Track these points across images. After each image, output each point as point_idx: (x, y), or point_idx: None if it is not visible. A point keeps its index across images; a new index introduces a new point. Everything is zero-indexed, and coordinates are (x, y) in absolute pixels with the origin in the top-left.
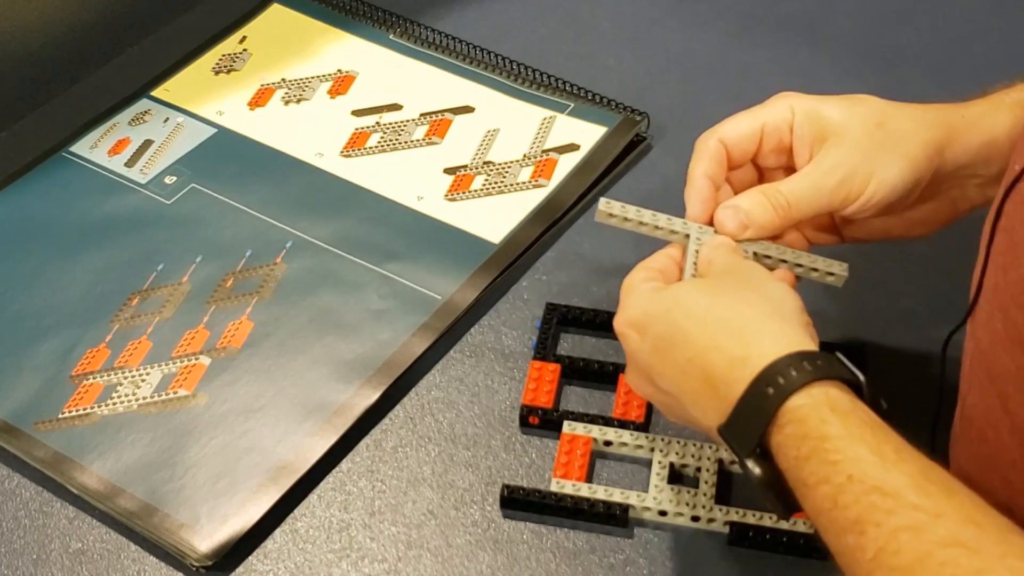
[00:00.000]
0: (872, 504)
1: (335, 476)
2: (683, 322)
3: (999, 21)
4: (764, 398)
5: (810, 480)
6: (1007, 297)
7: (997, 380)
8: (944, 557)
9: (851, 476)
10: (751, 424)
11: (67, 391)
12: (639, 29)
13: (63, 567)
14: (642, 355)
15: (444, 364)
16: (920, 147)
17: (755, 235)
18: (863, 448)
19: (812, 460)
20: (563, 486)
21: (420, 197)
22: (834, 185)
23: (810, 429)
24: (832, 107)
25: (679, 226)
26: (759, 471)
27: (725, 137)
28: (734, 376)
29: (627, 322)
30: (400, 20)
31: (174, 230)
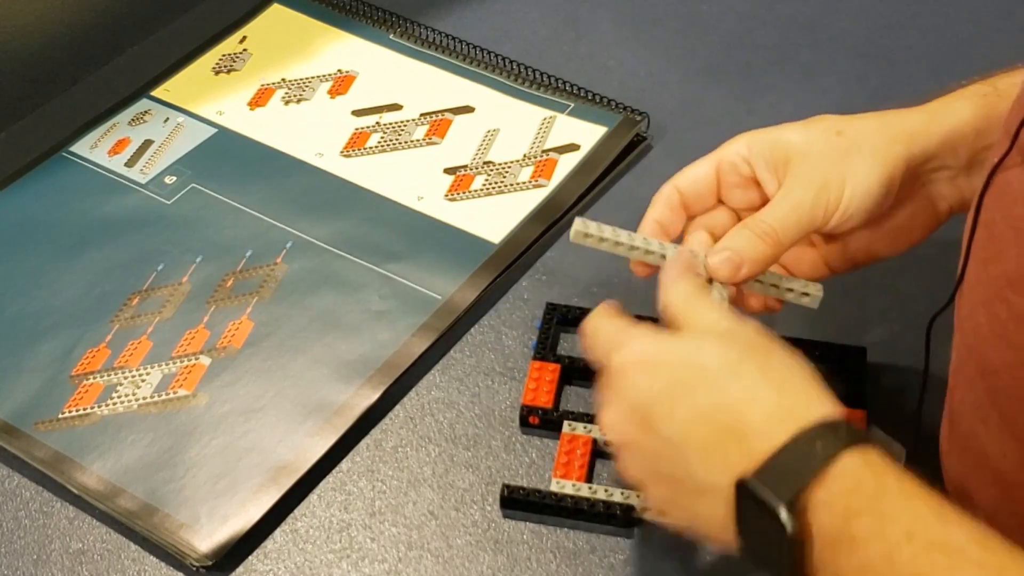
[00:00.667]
0: (933, 562)
1: (335, 476)
2: (713, 368)
3: (1000, 21)
4: (812, 450)
5: (861, 535)
6: (990, 292)
7: (986, 375)
8: None
9: (910, 533)
10: (794, 473)
11: (67, 391)
12: (639, 29)
13: (63, 567)
14: (646, 394)
15: (444, 364)
16: (884, 143)
17: (750, 272)
18: (922, 506)
19: (865, 515)
20: (563, 486)
21: (420, 197)
22: (812, 199)
23: (863, 484)
24: (788, 131)
25: (656, 246)
26: (792, 522)
27: (678, 182)
28: (772, 429)
29: (631, 361)
30: (400, 20)
31: (174, 230)
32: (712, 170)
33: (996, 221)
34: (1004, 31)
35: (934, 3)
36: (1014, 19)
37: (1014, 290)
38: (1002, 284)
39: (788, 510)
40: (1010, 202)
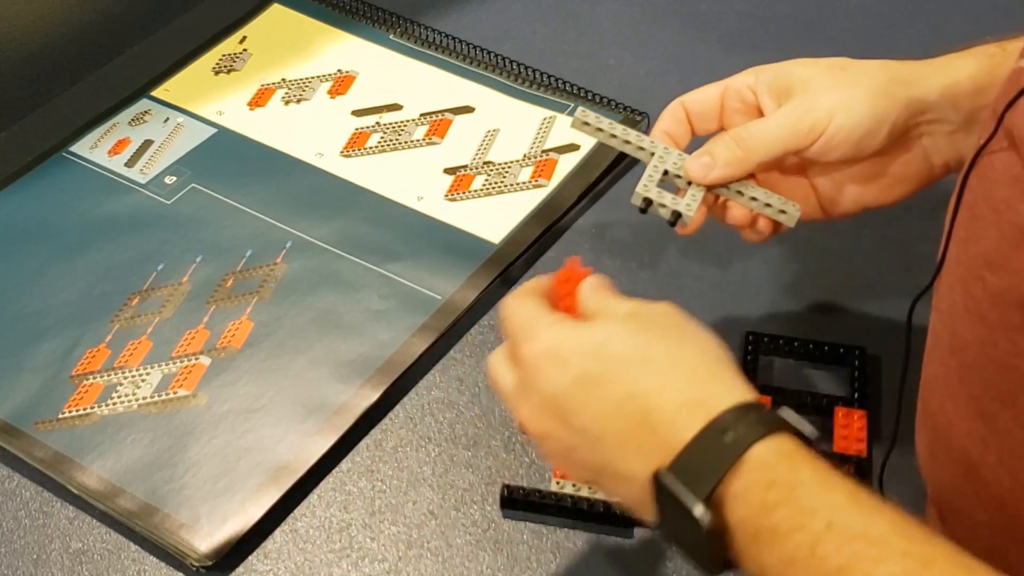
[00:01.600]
0: (857, 552)
1: (335, 476)
2: (621, 358)
3: (1000, 21)
4: (721, 444)
5: (781, 527)
6: (967, 270)
7: (956, 352)
8: None
9: (831, 523)
10: (708, 468)
11: (67, 391)
12: (639, 29)
13: (63, 567)
14: (557, 389)
15: (444, 364)
16: (884, 82)
17: (721, 174)
18: (839, 495)
19: (783, 506)
20: (563, 486)
21: (420, 197)
22: (797, 117)
23: (779, 475)
24: (796, 64)
25: (647, 143)
26: (708, 518)
27: (684, 99)
28: (683, 419)
29: (543, 353)
30: (400, 20)
31: (174, 230)
32: (718, 94)
33: (978, 202)
34: (1004, 31)
35: (934, 3)
36: (1014, 19)
37: (990, 269)
38: (979, 263)
39: (704, 505)
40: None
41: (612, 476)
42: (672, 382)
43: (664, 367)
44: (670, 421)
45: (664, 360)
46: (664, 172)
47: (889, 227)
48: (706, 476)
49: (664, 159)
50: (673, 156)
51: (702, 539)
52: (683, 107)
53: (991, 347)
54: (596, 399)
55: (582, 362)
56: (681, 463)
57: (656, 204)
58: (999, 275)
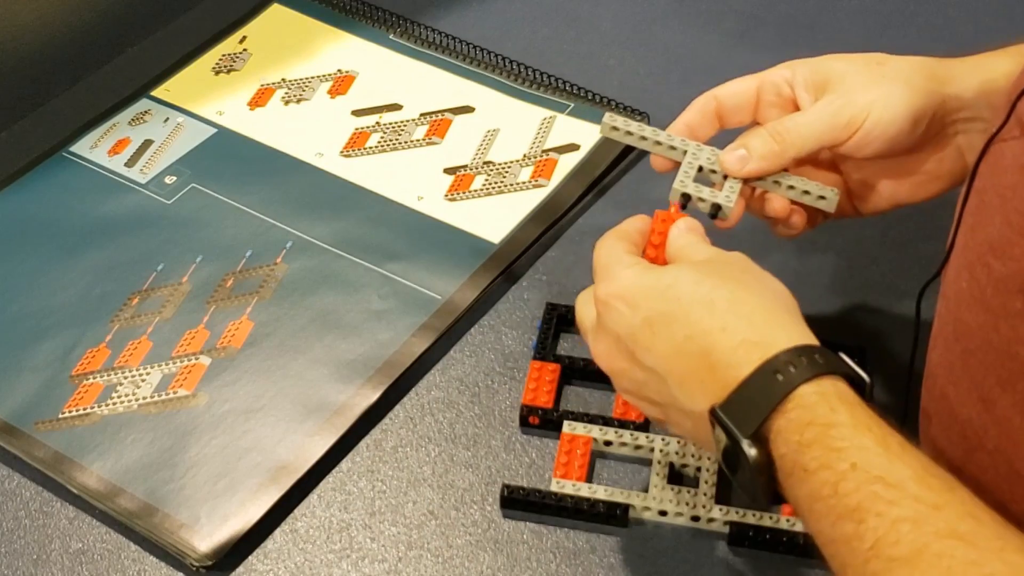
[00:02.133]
0: (874, 493)
1: (335, 476)
2: (686, 301)
3: (1000, 21)
4: (773, 383)
5: (811, 465)
6: (973, 256)
7: (961, 337)
8: (941, 548)
9: (855, 464)
10: (756, 406)
11: (67, 391)
12: (639, 29)
13: (63, 567)
14: (628, 329)
15: (444, 364)
16: (921, 79)
17: (757, 166)
18: (869, 438)
19: (815, 446)
20: (563, 486)
21: (420, 197)
22: (833, 111)
23: (817, 416)
24: (832, 59)
25: (677, 143)
26: (755, 452)
27: (718, 92)
28: (740, 358)
29: (616, 294)
30: (400, 20)
31: (174, 230)
32: (753, 86)
33: (987, 189)
34: (1004, 31)
35: (934, 3)
36: (1014, 19)
37: (995, 255)
38: (984, 249)
39: (752, 440)
40: (1001, 171)
41: (677, 412)
42: (732, 323)
43: (726, 309)
44: (728, 360)
45: (726, 303)
46: (699, 168)
47: (890, 227)
48: (754, 413)
49: (697, 155)
50: (706, 152)
51: (752, 473)
52: (715, 99)
53: (993, 333)
54: (662, 339)
55: (650, 304)
56: (734, 400)
57: (695, 199)
58: (1003, 261)
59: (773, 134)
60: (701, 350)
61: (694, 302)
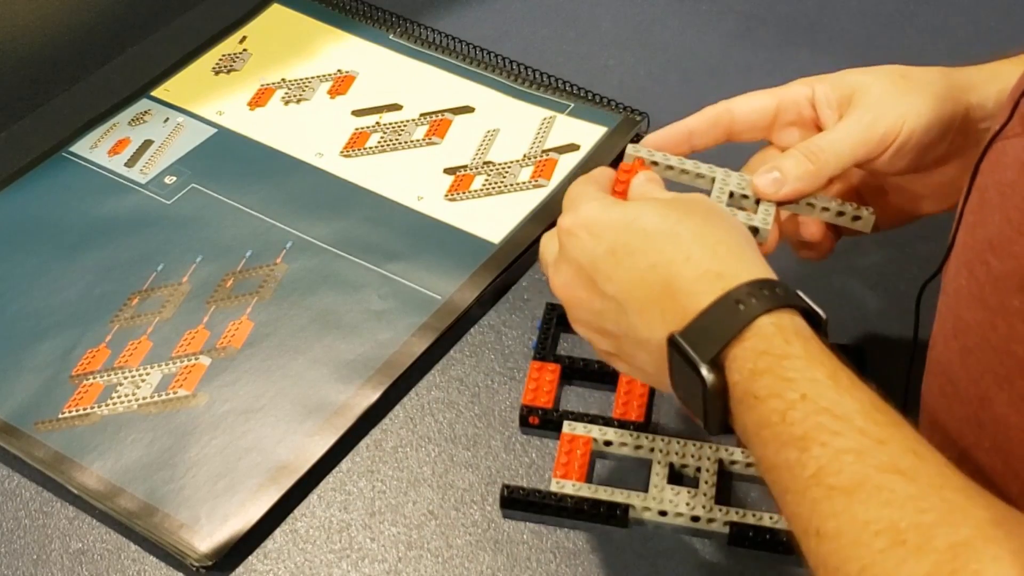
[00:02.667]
0: (820, 424)
1: (335, 476)
2: (651, 232)
3: (1000, 21)
4: (734, 312)
5: (762, 393)
6: (972, 254)
7: (960, 335)
8: (881, 481)
9: (805, 395)
10: (716, 333)
11: (67, 391)
12: (639, 29)
13: (63, 567)
14: (590, 257)
15: (444, 364)
16: (945, 88)
17: (792, 189)
18: (820, 371)
19: (768, 375)
20: (563, 486)
21: (420, 197)
22: (866, 126)
23: (772, 346)
24: (853, 73)
25: (704, 170)
26: (712, 377)
27: (734, 106)
28: (702, 288)
29: (581, 223)
30: (400, 20)
31: (174, 230)
32: (772, 105)
33: (988, 187)
34: (1004, 31)
35: (934, 3)
36: (1014, 19)
37: (994, 253)
38: (984, 247)
39: (709, 366)
40: (1002, 169)
41: (632, 343)
42: (696, 254)
43: (690, 241)
44: (689, 290)
45: (690, 235)
46: (730, 194)
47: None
48: (713, 340)
49: (727, 181)
50: (735, 177)
51: (708, 398)
52: (729, 114)
53: (991, 330)
54: (624, 268)
55: (614, 235)
56: (694, 327)
57: None
58: (1002, 259)
59: (807, 154)
60: (664, 279)
61: (659, 233)
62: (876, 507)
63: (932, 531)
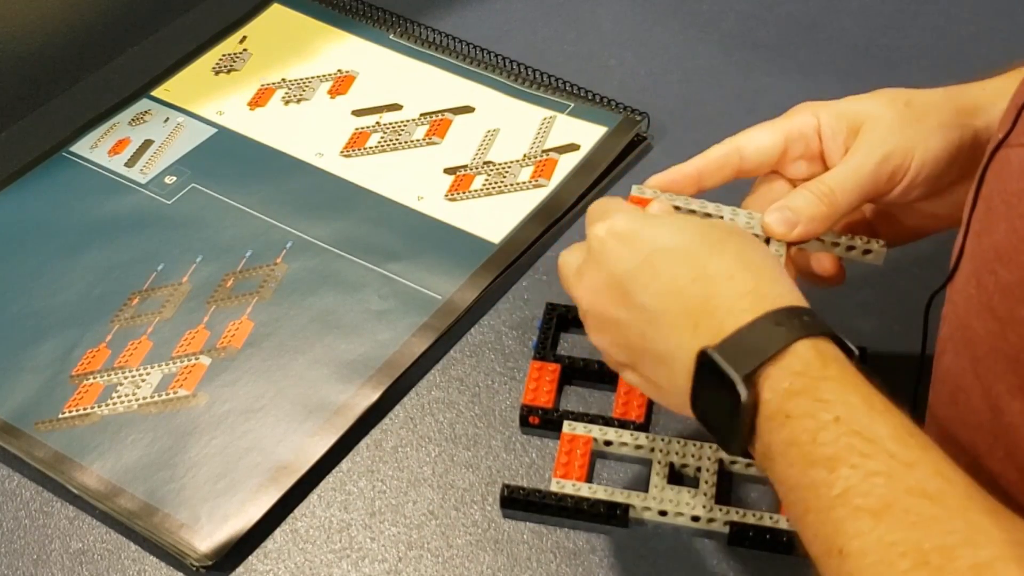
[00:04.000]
0: (851, 446)
1: (335, 476)
2: (697, 243)
3: (1000, 21)
4: (775, 331)
5: (795, 412)
6: (980, 263)
7: (969, 344)
8: (908, 504)
9: (838, 417)
10: (755, 350)
11: (67, 391)
12: (640, 29)
13: (63, 567)
14: (624, 266)
15: (444, 364)
16: (951, 115)
17: (805, 230)
18: (855, 396)
19: (803, 395)
20: (563, 486)
21: (420, 197)
22: (876, 163)
23: (810, 368)
24: (856, 102)
25: (712, 209)
26: (747, 393)
27: (743, 147)
28: (743, 306)
29: (614, 233)
30: (400, 20)
31: (174, 230)
32: (780, 140)
33: (993, 196)
34: (1004, 31)
35: (934, 3)
36: (1014, 19)
37: (1002, 263)
38: (991, 256)
39: (744, 382)
40: (1007, 178)
41: (653, 355)
42: (740, 273)
43: (734, 259)
44: (729, 307)
45: (734, 254)
46: None
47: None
48: (752, 356)
49: (735, 220)
50: (743, 216)
51: (737, 415)
52: (738, 154)
53: (1001, 340)
54: (664, 277)
55: (653, 244)
56: (730, 343)
57: None
58: (1010, 268)
59: (820, 196)
60: (704, 294)
61: (703, 247)
62: (902, 529)
63: (955, 552)
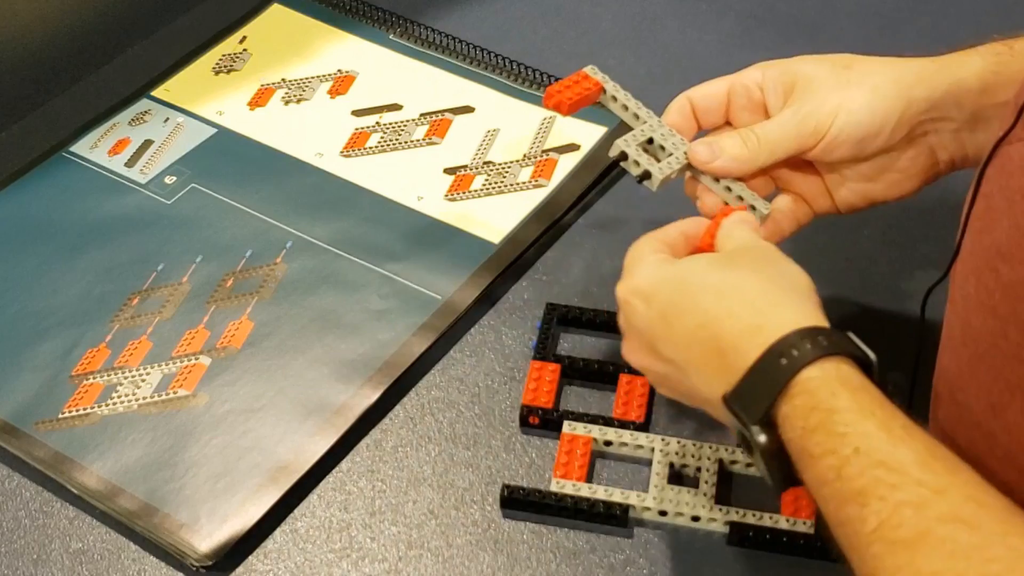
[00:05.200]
0: (877, 478)
1: (335, 476)
2: (696, 290)
3: (1000, 21)
4: (776, 368)
5: (816, 451)
6: (980, 261)
7: (969, 342)
8: (944, 533)
9: (858, 449)
10: (761, 393)
11: (67, 391)
12: (640, 29)
13: (63, 567)
14: (646, 323)
15: (444, 364)
16: (887, 82)
17: (724, 165)
18: (872, 423)
19: (819, 431)
20: (563, 486)
21: (420, 197)
22: (800, 119)
23: (820, 401)
24: (801, 61)
25: (643, 114)
26: (764, 439)
27: (691, 94)
28: (746, 344)
29: (633, 290)
30: (400, 20)
31: (174, 230)
32: (724, 89)
33: (994, 193)
34: (1004, 31)
35: (934, 3)
36: (1014, 19)
37: (1003, 260)
38: (992, 254)
39: (761, 427)
40: (1008, 174)
41: (701, 401)
42: (737, 309)
43: (732, 296)
44: (735, 346)
45: (732, 289)
46: (648, 140)
47: (890, 227)
48: (760, 400)
49: (655, 129)
50: (666, 131)
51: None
52: (689, 101)
53: (1002, 339)
54: (676, 330)
55: (665, 297)
56: (742, 387)
57: (631, 160)
58: (1011, 266)
59: (744, 139)
60: (712, 336)
61: (704, 290)
62: (940, 559)
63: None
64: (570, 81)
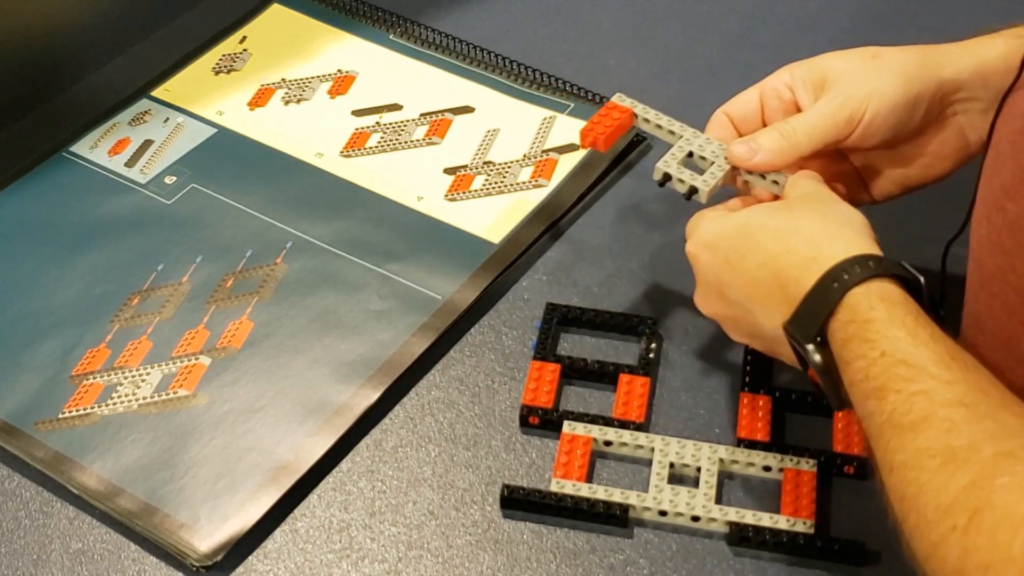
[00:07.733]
0: (896, 374)
1: (335, 476)
2: (756, 234)
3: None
4: (829, 291)
5: (849, 357)
6: (990, 203)
7: (985, 283)
8: (945, 414)
9: (884, 352)
10: (814, 314)
11: (67, 391)
12: (640, 29)
13: (63, 567)
14: (712, 270)
15: (444, 364)
16: (916, 67)
17: (765, 159)
18: (901, 331)
19: (854, 340)
20: (563, 486)
21: (420, 197)
22: (834, 109)
23: (858, 314)
24: (828, 57)
25: (677, 128)
26: (818, 358)
27: (727, 107)
28: (804, 275)
29: (699, 244)
30: (400, 20)
31: (174, 230)
32: (756, 95)
33: (1001, 140)
34: None
35: (934, 3)
36: (1014, 19)
37: (1009, 198)
38: (999, 194)
39: (816, 346)
40: (1011, 119)
41: (767, 338)
42: (795, 244)
43: (788, 234)
44: (794, 278)
45: (790, 229)
46: (688, 154)
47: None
48: (813, 321)
49: (691, 142)
50: (702, 140)
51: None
52: (726, 115)
53: (1011, 273)
54: (738, 273)
55: (727, 245)
56: (798, 313)
57: (675, 179)
58: (1016, 202)
59: (781, 132)
60: (772, 274)
61: (763, 232)
62: (936, 436)
63: (981, 444)
64: (600, 115)
